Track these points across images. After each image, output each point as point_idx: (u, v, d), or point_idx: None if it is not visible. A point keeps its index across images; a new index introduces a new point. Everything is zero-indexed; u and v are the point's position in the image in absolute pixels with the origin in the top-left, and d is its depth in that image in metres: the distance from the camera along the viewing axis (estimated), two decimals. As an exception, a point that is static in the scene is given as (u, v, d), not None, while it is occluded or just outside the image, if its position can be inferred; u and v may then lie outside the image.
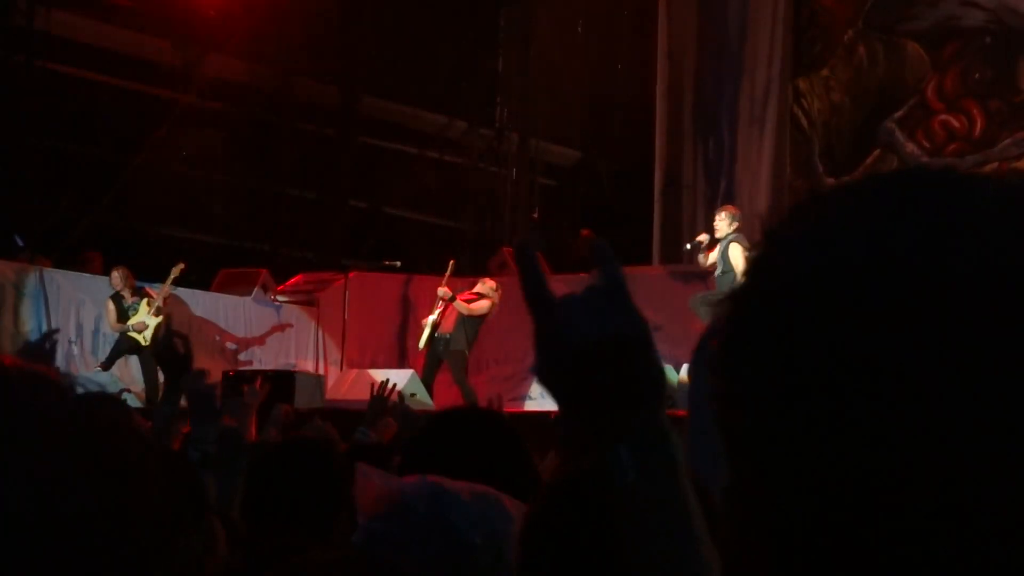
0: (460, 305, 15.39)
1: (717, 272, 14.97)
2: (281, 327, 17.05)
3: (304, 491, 4.00)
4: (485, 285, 15.65)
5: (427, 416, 7.31)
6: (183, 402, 5.55)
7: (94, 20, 17.13)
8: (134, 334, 14.77)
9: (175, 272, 15.39)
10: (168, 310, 15.27)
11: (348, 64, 19.29)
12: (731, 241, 14.88)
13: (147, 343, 14.67)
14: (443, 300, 15.46)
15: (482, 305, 15.52)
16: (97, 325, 15.52)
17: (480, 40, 20.62)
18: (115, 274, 15.07)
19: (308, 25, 18.62)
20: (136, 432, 1.09)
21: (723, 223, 15.15)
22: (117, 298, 15.04)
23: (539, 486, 5.05)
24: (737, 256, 14.77)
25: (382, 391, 7.64)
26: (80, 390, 1.21)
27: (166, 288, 15.37)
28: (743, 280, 1.00)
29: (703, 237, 15.50)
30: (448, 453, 3.16)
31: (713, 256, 15.10)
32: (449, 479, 2.47)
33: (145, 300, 15.02)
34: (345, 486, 3.57)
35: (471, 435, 3.39)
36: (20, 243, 15.76)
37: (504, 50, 20.94)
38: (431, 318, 15.60)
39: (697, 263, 15.76)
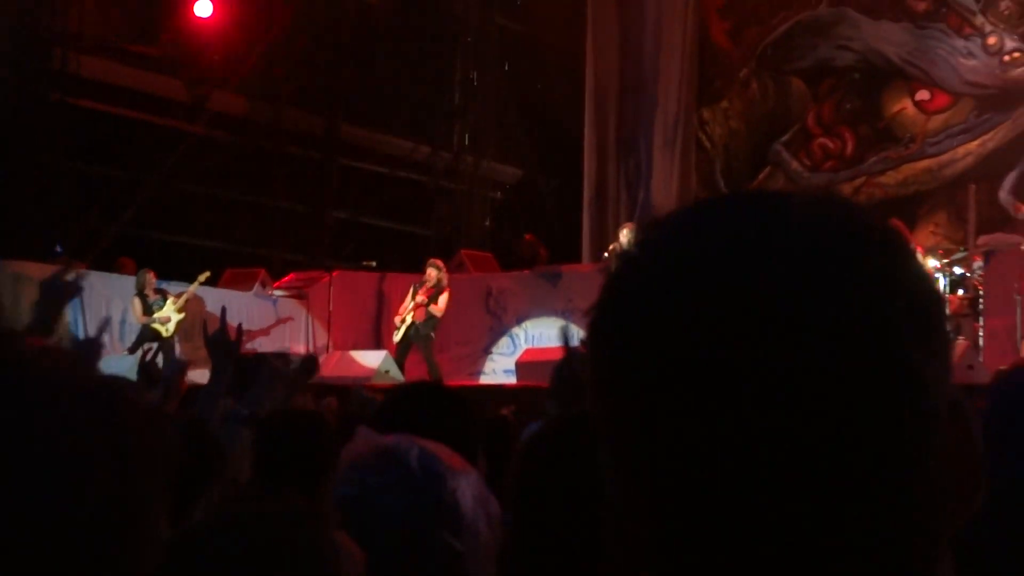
0: (433, 309, 15.29)
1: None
2: (281, 319, 16.97)
3: (301, 451, 3.97)
4: (434, 273, 15.42)
5: (394, 388, 7.18)
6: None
7: (117, 64, 17.09)
8: (158, 325, 14.70)
9: (201, 278, 15.37)
10: (190, 307, 15.17)
11: (330, 98, 19.28)
12: None
13: (168, 334, 14.65)
14: (418, 304, 15.28)
15: (445, 299, 15.39)
16: (124, 317, 15.33)
17: (440, 78, 20.55)
18: (140, 275, 15.04)
19: (296, 67, 18.64)
20: (147, 408, 1.01)
21: (626, 238, 14.85)
22: (142, 295, 14.95)
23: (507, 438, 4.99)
24: None
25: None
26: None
27: (192, 290, 15.29)
28: (600, 293, 0.99)
29: (614, 246, 15.14)
30: (410, 417, 3.16)
31: None
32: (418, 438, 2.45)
33: (170, 299, 14.98)
34: (333, 450, 3.78)
35: (428, 403, 3.39)
36: (59, 250, 15.72)
37: (460, 86, 20.86)
38: (405, 318, 15.49)
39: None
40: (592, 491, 1.24)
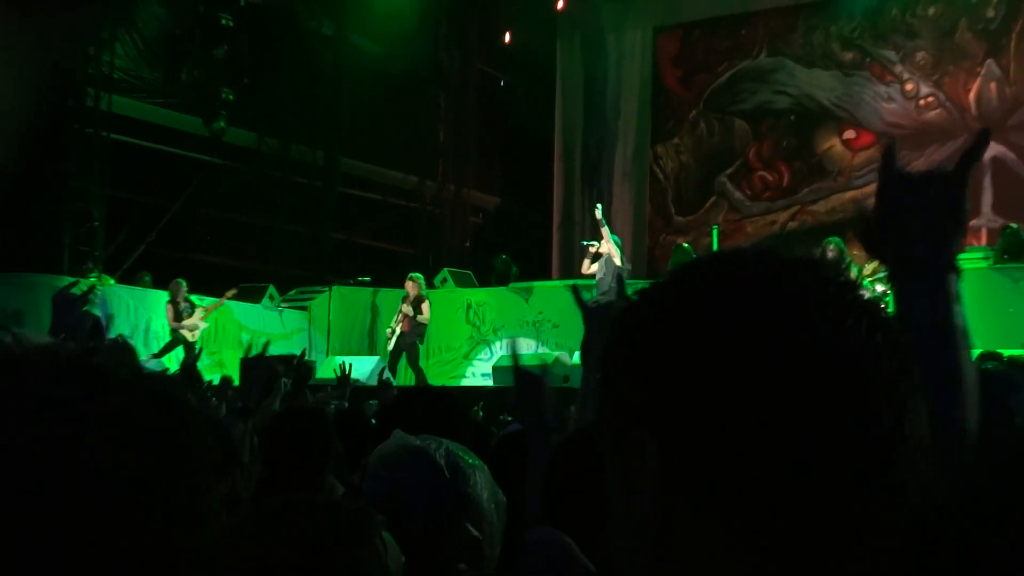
0: (419, 319, 15.26)
1: (599, 277, 14.71)
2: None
3: (306, 444, 3.90)
4: (411, 286, 15.39)
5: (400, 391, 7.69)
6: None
7: (144, 102, 17.09)
8: (185, 332, 14.58)
9: (229, 294, 15.48)
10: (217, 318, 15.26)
11: (330, 134, 19.19)
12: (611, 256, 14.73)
13: (194, 340, 14.42)
14: (406, 316, 15.23)
15: (427, 307, 15.36)
16: (148, 325, 15.29)
17: (426, 117, 20.48)
18: (173, 285, 14.93)
19: (301, 107, 18.63)
20: (187, 403, 0.98)
21: (604, 228, 15.03)
22: (174, 303, 14.84)
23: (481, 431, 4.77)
24: (616, 258, 14.72)
25: (344, 371, 8.14)
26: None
27: (219, 303, 15.36)
28: (622, 319, 0.96)
29: (593, 246, 15.16)
30: (409, 417, 3.14)
31: (594, 267, 14.84)
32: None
33: (198, 309, 14.89)
34: (332, 443, 3.93)
35: (424, 405, 3.46)
36: (90, 265, 15.65)
37: (443, 124, 20.79)
38: (395, 328, 15.41)
39: (582, 265, 15.37)
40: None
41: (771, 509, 0.85)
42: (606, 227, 14.94)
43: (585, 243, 15.60)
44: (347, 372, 8.31)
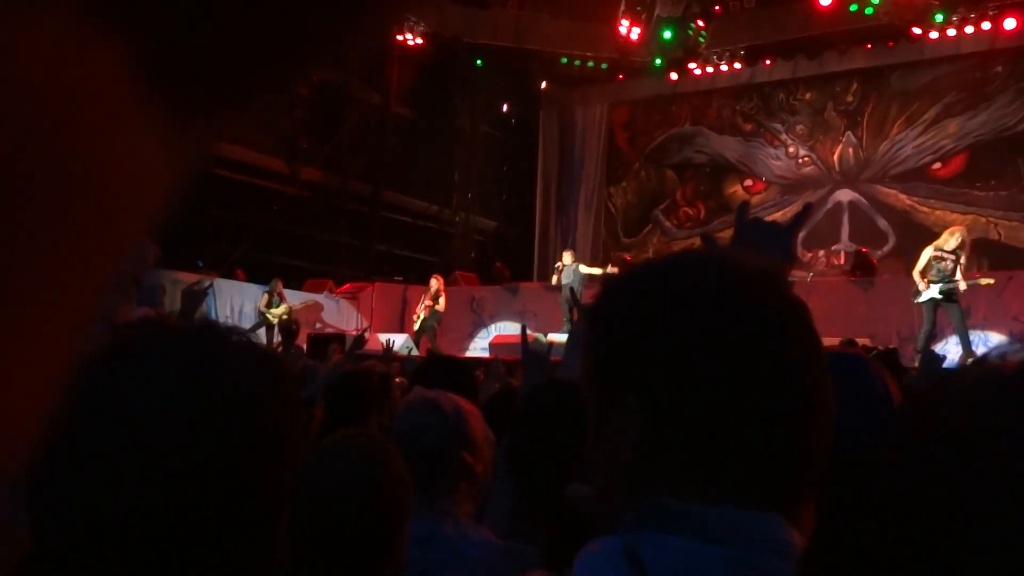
0: (437, 308, 15.18)
1: (565, 280, 14.50)
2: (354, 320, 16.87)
3: (358, 394, 3.89)
4: (434, 283, 15.28)
5: (423, 359, 7.41)
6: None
7: (243, 148, 16.76)
8: (270, 316, 14.53)
9: (310, 300, 15.52)
10: (301, 312, 15.15)
11: (376, 173, 19.06)
12: (578, 264, 14.79)
13: (273, 322, 14.35)
14: (428, 305, 15.16)
15: (443, 300, 15.26)
16: (241, 309, 15.08)
17: (445, 162, 20.34)
18: (273, 281, 14.85)
19: (355, 153, 18.50)
20: (282, 361, 0.96)
21: (568, 257, 15.05)
22: (270, 293, 14.73)
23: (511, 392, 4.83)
24: (585, 269, 14.68)
25: (388, 347, 7.80)
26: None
27: (302, 303, 15.35)
28: (602, 299, 0.92)
29: (560, 262, 15.10)
30: (431, 378, 3.13)
31: (564, 278, 14.69)
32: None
33: (284, 303, 14.79)
34: (376, 397, 3.91)
35: (442, 369, 3.44)
36: (200, 264, 15.64)
37: (457, 169, 20.63)
38: (420, 313, 15.30)
39: (551, 280, 15.34)
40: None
41: (723, 450, 0.82)
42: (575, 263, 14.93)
43: (557, 265, 15.45)
44: (390, 346, 7.91)
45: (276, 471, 0.88)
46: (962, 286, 11.41)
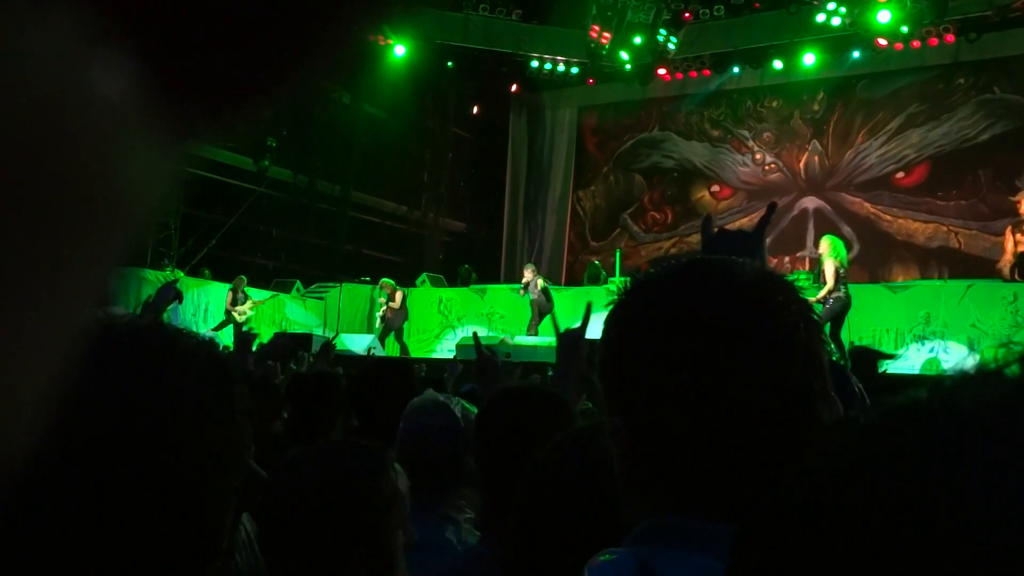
0: (394, 304, 15.16)
1: (535, 296, 14.56)
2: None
3: (321, 402, 3.75)
4: (389, 286, 15.33)
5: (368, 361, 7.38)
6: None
7: (213, 147, 16.85)
8: (236, 315, 14.43)
9: (270, 296, 15.36)
10: (265, 309, 15.04)
11: (345, 174, 18.99)
12: (538, 279, 14.73)
13: (241, 322, 14.24)
14: (390, 307, 15.17)
15: (400, 296, 15.27)
16: (207, 307, 14.99)
17: (414, 164, 20.32)
18: (236, 279, 14.75)
19: (324, 153, 18.42)
20: (232, 364, 0.92)
21: (529, 270, 15.08)
22: (234, 291, 14.63)
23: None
24: (542, 283, 14.67)
25: (326, 345, 7.55)
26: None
27: (265, 299, 15.18)
28: (615, 316, 0.90)
29: (525, 279, 15.03)
30: (371, 380, 3.20)
31: (530, 293, 14.69)
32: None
33: (249, 300, 14.69)
34: (343, 402, 3.73)
35: (383, 371, 3.43)
36: (166, 262, 15.54)
37: (427, 170, 20.62)
38: (383, 315, 15.33)
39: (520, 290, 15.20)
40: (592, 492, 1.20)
41: (701, 475, 0.82)
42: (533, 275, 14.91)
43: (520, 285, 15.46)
44: (329, 344, 7.46)
45: (219, 474, 0.86)
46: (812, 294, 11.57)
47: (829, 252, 10.93)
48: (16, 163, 0.20)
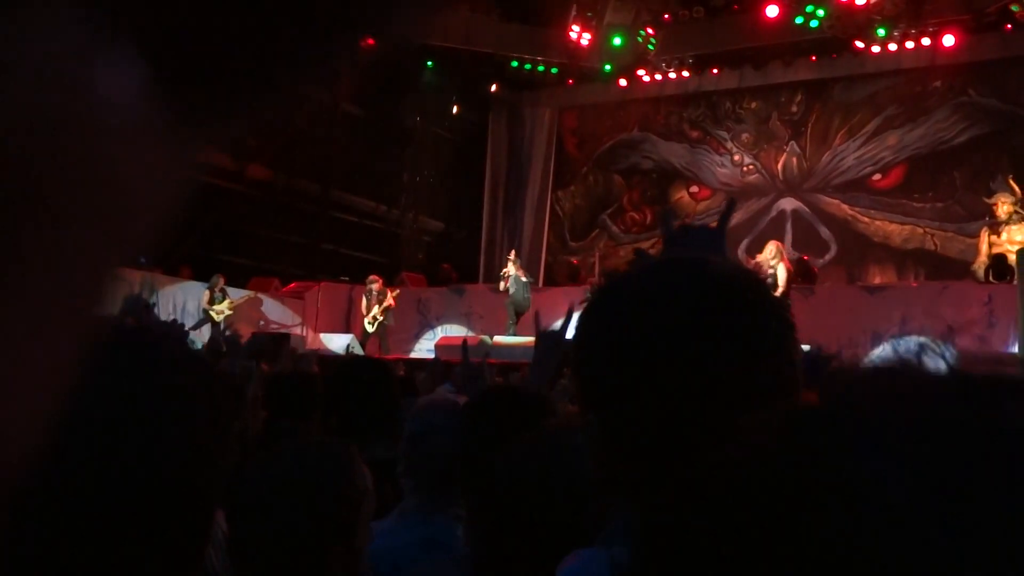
0: (388, 301, 15.18)
1: (512, 290, 14.70)
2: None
3: (298, 399, 3.78)
4: (375, 285, 15.37)
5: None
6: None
7: None
8: (214, 314, 14.34)
9: (250, 294, 15.29)
10: (242, 308, 14.91)
11: (324, 172, 18.95)
12: (519, 271, 14.81)
13: (218, 320, 14.16)
14: (376, 303, 15.10)
15: (390, 293, 15.35)
16: (184, 306, 14.85)
17: (394, 163, 20.24)
18: (214, 277, 14.64)
19: (305, 151, 18.31)
20: (218, 369, 0.84)
21: (512, 264, 15.08)
22: (212, 290, 14.52)
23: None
24: (523, 276, 14.73)
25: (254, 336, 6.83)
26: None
27: (243, 297, 15.08)
28: (586, 315, 0.90)
29: (506, 268, 15.22)
30: (350, 379, 3.17)
31: (511, 286, 14.80)
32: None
33: (227, 299, 14.58)
34: (319, 398, 3.69)
35: (377, 370, 3.39)
36: (143, 261, 14.76)
37: (406, 169, 20.58)
38: (376, 316, 15.27)
39: (499, 286, 15.41)
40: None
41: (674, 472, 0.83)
42: (514, 265, 15.00)
43: (501, 275, 15.59)
44: (258, 337, 7.25)
45: (203, 474, 0.87)
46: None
47: (782, 257, 11.11)
48: (21, 164, 0.20)
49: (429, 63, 18.76)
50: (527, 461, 1.34)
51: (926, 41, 16.20)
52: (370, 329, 15.53)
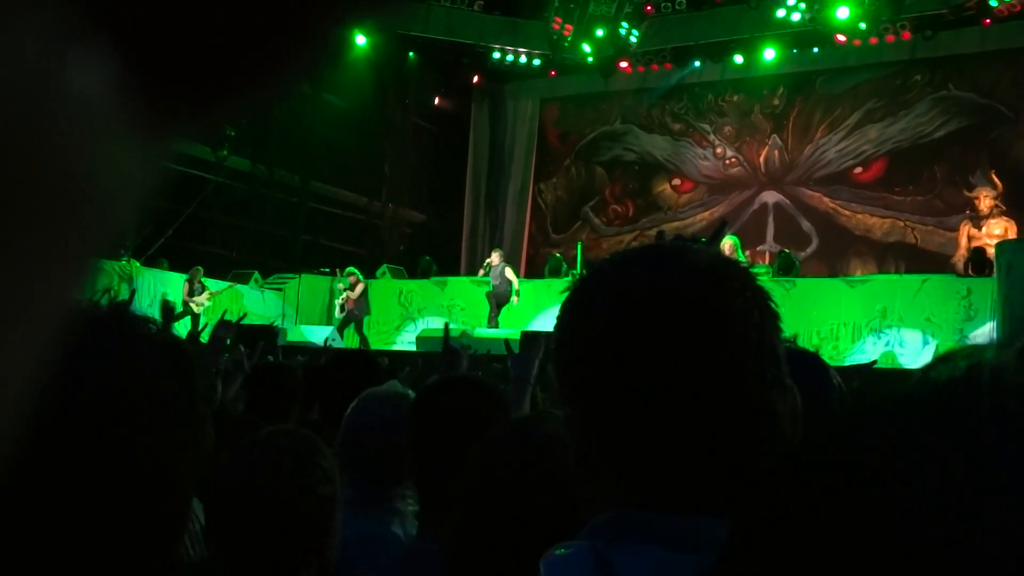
0: (352, 294, 15.08)
1: (496, 283, 14.62)
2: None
3: (277, 392, 3.73)
4: (351, 278, 15.25)
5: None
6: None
7: None
8: (193, 306, 14.26)
9: (227, 286, 15.20)
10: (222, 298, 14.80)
11: (305, 164, 18.90)
12: (505, 266, 14.78)
13: (198, 311, 14.08)
14: (349, 297, 15.05)
15: (360, 287, 15.17)
16: (162, 298, 14.49)
17: (375, 154, 20.17)
18: (193, 269, 14.58)
19: (284, 142, 18.27)
20: (197, 356, 0.90)
21: (496, 256, 15.05)
22: (190, 282, 14.47)
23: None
24: (511, 274, 14.65)
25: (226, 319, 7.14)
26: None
27: (222, 289, 14.98)
28: (568, 304, 0.88)
29: (489, 259, 15.14)
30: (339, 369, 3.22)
31: (492, 278, 14.71)
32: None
33: (206, 291, 14.50)
34: (299, 391, 3.74)
35: (363, 362, 3.47)
36: (123, 251, 14.63)
37: (387, 160, 20.49)
38: (342, 305, 15.22)
39: (481, 275, 15.39)
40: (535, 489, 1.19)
41: (654, 465, 0.80)
42: (502, 263, 14.90)
43: (482, 266, 15.55)
44: (232, 319, 7.11)
45: (180, 460, 0.87)
46: None
47: (736, 254, 11.19)
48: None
49: (411, 54, 18.70)
50: (507, 451, 1.31)
51: (906, 35, 16.28)
52: (337, 317, 15.45)
